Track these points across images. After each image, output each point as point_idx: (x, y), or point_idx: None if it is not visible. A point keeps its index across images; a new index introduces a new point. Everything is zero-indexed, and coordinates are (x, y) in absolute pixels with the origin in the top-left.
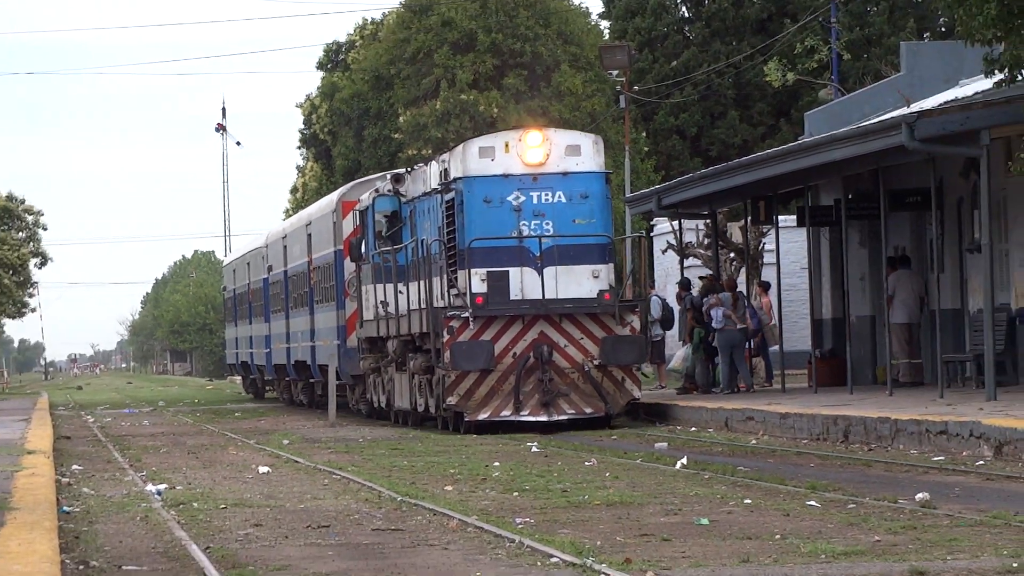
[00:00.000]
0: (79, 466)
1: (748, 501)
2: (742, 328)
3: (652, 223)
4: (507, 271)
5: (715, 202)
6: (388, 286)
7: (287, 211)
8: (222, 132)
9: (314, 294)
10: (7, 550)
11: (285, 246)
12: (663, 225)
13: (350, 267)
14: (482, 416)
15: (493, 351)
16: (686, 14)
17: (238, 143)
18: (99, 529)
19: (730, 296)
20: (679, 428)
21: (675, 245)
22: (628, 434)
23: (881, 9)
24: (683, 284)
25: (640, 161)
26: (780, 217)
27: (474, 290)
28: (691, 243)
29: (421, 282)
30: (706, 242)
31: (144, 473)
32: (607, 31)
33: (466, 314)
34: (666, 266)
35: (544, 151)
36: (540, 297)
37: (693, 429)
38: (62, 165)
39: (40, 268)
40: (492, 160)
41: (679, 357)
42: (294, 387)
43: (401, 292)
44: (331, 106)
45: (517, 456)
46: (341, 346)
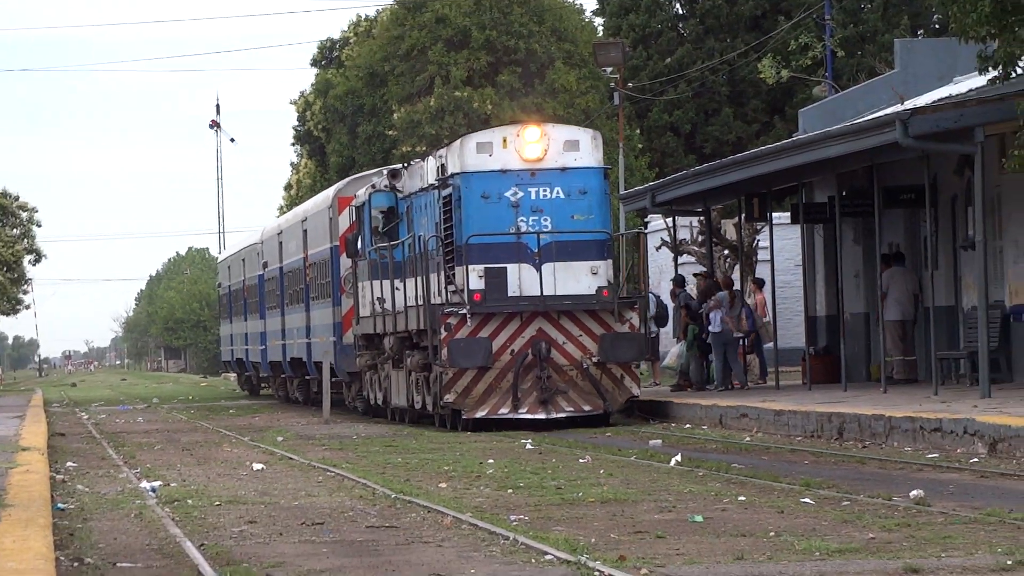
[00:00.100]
0: (73, 463)
1: (742, 498)
2: (739, 334)
3: (646, 220)
4: (505, 267)
5: (709, 199)
6: (385, 282)
7: (281, 208)
8: (216, 129)
9: (310, 290)
10: (1, 547)
11: (281, 242)
12: (657, 222)
13: (346, 263)
14: (480, 414)
15: (491, 348)
16: (680, 11)
17: (232, 140)
18: (93, 526)
19: (727, 295)
20: (673, 425)
21: (669, 242)
22: (622, 431)
23: (875, 6)
24: (677, 281)
25: (634, 158)
26: (774, 214)
27: (472, 287)
28: (685, 240)
29: (418, 278)
30: (700, 239)
31: (138, 470)
32: (601, 28)
33: (464, 311)
34: (660, 263)
35: (542, 146)
36: (538, 294)
37: (687, 426)
38: (56, 162)
39: (34, 265)
40: (490, 155)
41: (673, 354)
42: (290, 384)
43: (398, 289)
44: (325, 103)
45: (511, 453)
46: (337, 343)
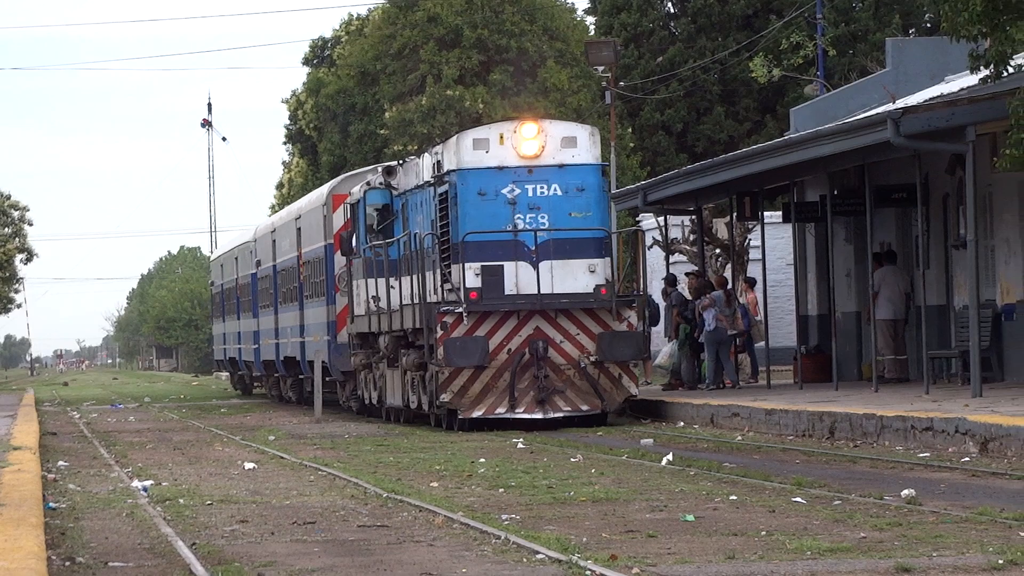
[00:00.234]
0: (65, 462)
1: (734, 497)
2: (734, 332)
3: (637, 219)
4: (502, 265)
5: (701, 198)
6: (380, 281)
7: (273, 207)
8: (208, 127)
9: (304, 289)
10: None
11: (274, 240)
12: (648, 221)
13: (341, 261)
14: (476, 413)
15: (487, 347)
16: (672, 10)
17: (224, 139)
18: (85, 525)
19: (722, 294)
20: (665, 424)
21: (660, 241)
22: (614, 430)
23: (867, 5)
24: (669, 280)
25: (626, 157)
26: (766, 213)
27: (468, 285)
28: (676, 239)
29: (414, 277)
30: (691, 238)
31: (130, 469)
32: (593, 27)
33: (460, 309)
34: (651, 262)
35: (539, 143)
36: (535, 292)
37: (679, 425)
38: (48, 161)
39: (26, 264)
40: (486, 152)
41: (665, 353)
42: (283, 383)
43: (393, 287)
44: (317, 102)
45: (503, 452)
46: (331, 342)
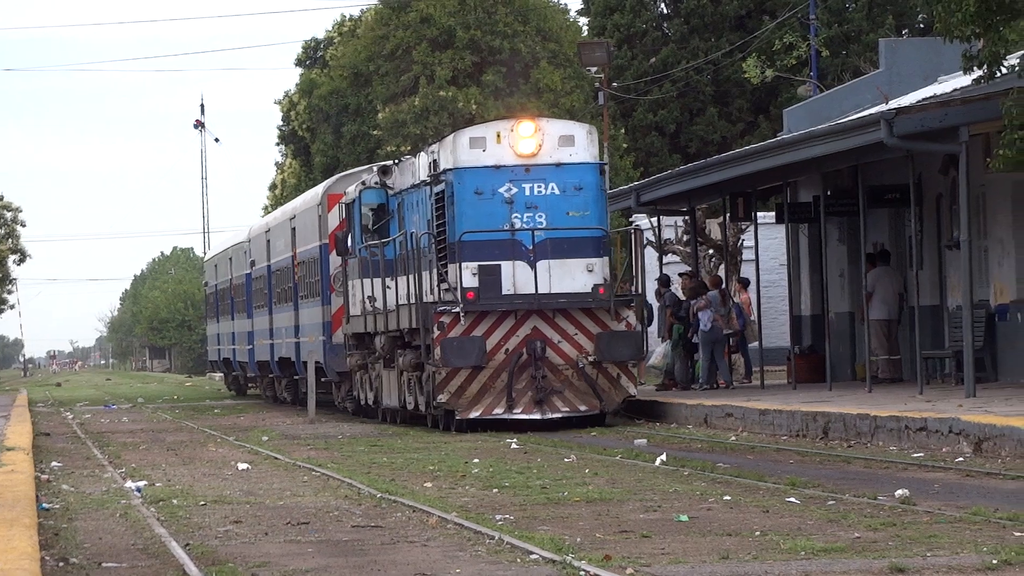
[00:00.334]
0: (58, 463)
1: (727, 498)
2: (729, 331)
3: (631, 220)
4: (499, 265)
5: (694, 199)
6: (376, 281)
7: (266, 208)
8: (201, 129)
9: (299, 289)
10: None
11: (268, 240)
12: (642, 222)
13: (336, 261)
14: (474, 414)
15: (485, 347)
16: (665, 11)
17: (216, 140)
18: (79, 526)
19: (718, 294)
20: (659, 425)
21: (654, 242)
22: (607, 431)
23: (860, 6)
24: (662, 281)
25: (619, 158)
26: (759, 214)
27: (465, 284)
28: (670, 240)
29: (410, 276)
30: (685, 239)
31: (123, 470)
32: (586, 28)
33: (457, 309)
34: (644, 263)
35: (537, 141)
36: (533, 292)
37: (673, 425)
38: (41, 162)
39: (19, 265)
40: (483, 151)
41: (659, 354)
42: (278, 384)
43: (389, 287)
44: (310, 103)
45: (496, 453)
46: (327, 342)
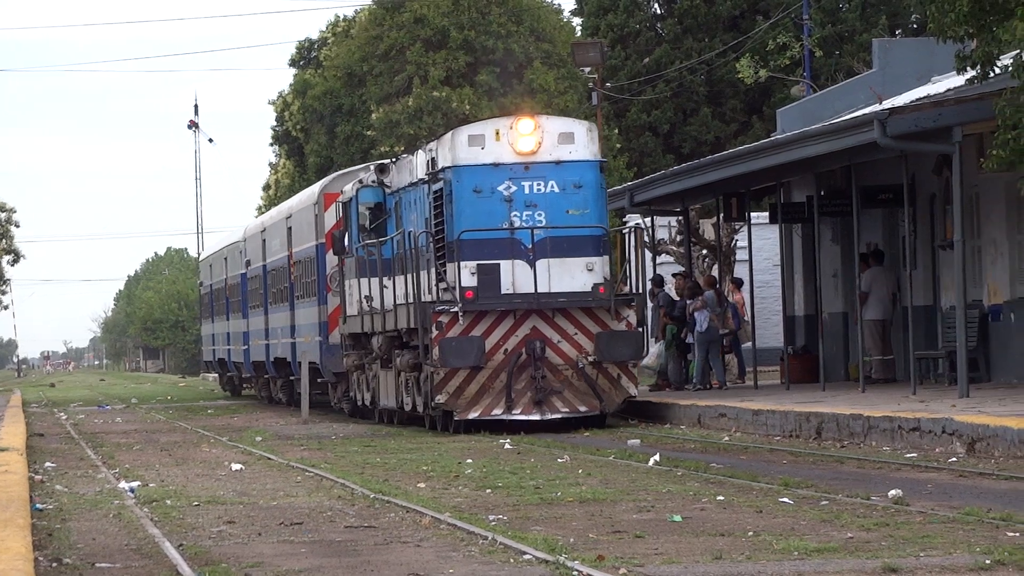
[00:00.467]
0: (52, 463)
1: (721, 498)
2: (725, 331)
3: (624, 220)
4: (498, 264)
5: (687, 199)
6: (373, 280)
7: (260, 208)
8: (195, 129)
9: (295, 289)
10: None
11: (264, 240)
12: (635, 222)
13: (333, 261)
14: (472, 415)
15: (484, 347)
16: (658, 11)
17: (210, 140)
18: (72, 526)
19: (714, 294)
20: (652, 425)
21: (647, 242)
22: (601, 431)
23: (853, 6)
24: (656, 281)
25: (613, 158)
26: (752, 214)
27: (463, 284)
28: (663, 240)
29: (408, 276)
30: (678, 239)
31: (117, 470)
32: (579, 28)
33: (455, 309)
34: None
35: (536, 139)
36: (532, 291)
37: (666, 426)
38: (35, 162)
39: (12, 265)
40: (482, 148)
41: (652, 354)
42: (273, 384)
43: (386, 286)
44: (303, 103)
45: (490, 453)
46: (323, 342)
